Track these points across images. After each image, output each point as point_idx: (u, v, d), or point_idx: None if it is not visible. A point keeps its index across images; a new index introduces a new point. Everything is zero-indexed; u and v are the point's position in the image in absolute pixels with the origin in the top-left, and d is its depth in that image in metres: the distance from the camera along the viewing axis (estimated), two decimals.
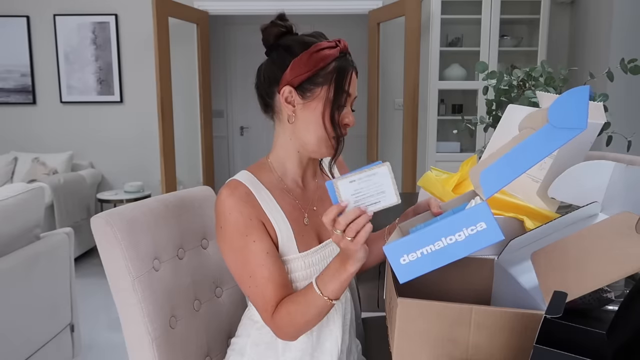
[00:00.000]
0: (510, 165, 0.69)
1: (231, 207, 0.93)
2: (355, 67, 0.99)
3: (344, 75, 0.95)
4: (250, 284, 0.93)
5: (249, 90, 5.35)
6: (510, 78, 1.77)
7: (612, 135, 1.67)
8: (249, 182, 0.97)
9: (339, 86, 0.94)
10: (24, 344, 1.85)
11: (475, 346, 0.70)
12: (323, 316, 0.91)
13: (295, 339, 0.96)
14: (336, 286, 0.85)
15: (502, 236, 0.67)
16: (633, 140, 1.67)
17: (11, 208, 1.81)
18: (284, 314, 0.91)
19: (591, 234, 0.77)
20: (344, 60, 0.96)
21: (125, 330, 1.04)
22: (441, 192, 1.17)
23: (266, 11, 4.23)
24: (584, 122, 0.66)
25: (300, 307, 0.90)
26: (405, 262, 0.70)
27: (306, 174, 1.07)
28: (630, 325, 0.66)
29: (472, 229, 0.67)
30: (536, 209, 1.08)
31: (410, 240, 0.70)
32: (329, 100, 0.94)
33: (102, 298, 3.03)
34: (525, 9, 3.84)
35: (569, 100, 0.68)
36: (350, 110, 0.99)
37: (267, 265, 0.93)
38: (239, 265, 0.95)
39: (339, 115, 0.96)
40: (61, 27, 4.17)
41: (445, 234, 0.68)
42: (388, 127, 4.32)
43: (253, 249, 0.93)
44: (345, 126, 0.98)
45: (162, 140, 3.66)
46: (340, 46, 0.97)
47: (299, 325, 0.91)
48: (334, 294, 0.86)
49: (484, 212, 0.67)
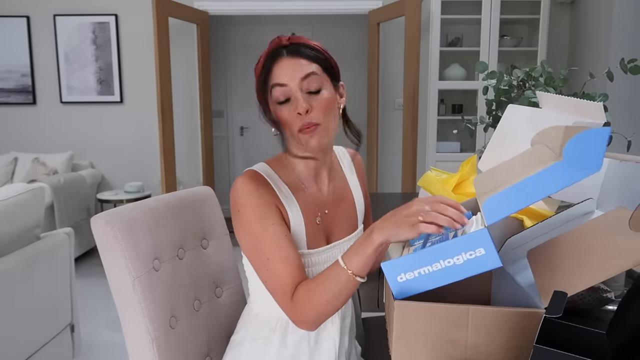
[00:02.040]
0: (517, 197, 0.69)
1: (249, 192, 0.93)
2: (288, 51, 0.94)
3: (266, 72, 0.95)
4: (268, 267, 0.92)
5: (249, 90, 5.36)
6: (510, 78, 1.77)
7: (611, 135, 1.67)
8: (266, 174, 0.98)
9: (261, 83, 0.96)
10: (24, 344, 1.85)
11: (474, 346, 0.70)
12: (344, 297, 0.86)
13: (314, 326, 0.91)
14: (361, 260, 0.82)
15: (500, 263, 0.68)
16: (633, 140, 1.67)
17: (11, 208, 1.81)
18: (302, 293, 0.88)
19: (586, 231, 0.78)
20: (268, 59, 0.96)
21: (125, 330, 1.04)
22: (441, 192, 1.17)
23: (266, 11, 4.23)
24: (599, 164, 0.65)
25: (321, 284, 0.86)
26: (402, 281, 0.71)
27: (320, 176, 1.06)
28: (629, 324, 0.66)
29: (470, 253, 0.68)
30: (536, 209, 1.08)
31: (409, 260, 0.71)
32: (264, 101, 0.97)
33: (102, 298, 3.03)
34: (525, 9, 3.84)
35: (588, 140, 0.67)
36: (300, 97, 0.93)
37: (285, 247, 0.92)
38: (257, 250, 0.94)
39: (269, 111, 0.97)
40: (61, 27, 4.17)
41: (444, 256, 0.69)
42: (388, 127, 4.32)
43: (272, 232, 0.92)
44: (299, 116, 0.93)
45: (162, 140, 3.66)
46: (267, 50, 0.97)
47: (318, 305, 0.86)
48: (358, 268, 0.82)
49: (484, 238, 0.67)
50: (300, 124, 0.94)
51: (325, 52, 0.98)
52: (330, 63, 0.98)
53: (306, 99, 0.93)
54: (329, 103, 0.96)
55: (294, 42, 0.96)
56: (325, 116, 0.95)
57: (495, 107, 1.83)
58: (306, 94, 0.94)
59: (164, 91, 3.65)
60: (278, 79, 0.93)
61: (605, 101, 1.59)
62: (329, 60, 0.98)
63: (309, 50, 0.95)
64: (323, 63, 0.96)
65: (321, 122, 0.94)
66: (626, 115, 3.03)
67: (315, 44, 0.98)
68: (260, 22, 5.12)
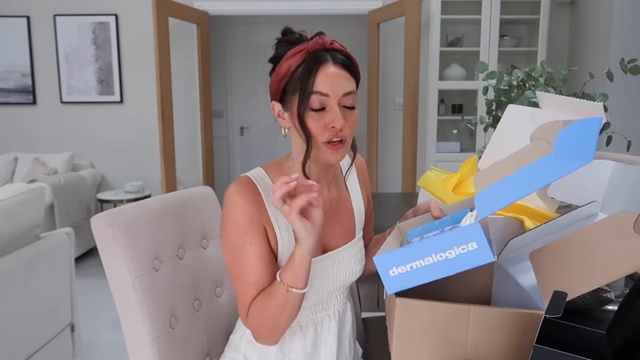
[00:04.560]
0: (509, 189, 0.68)
1: (235, 205, 0.93)
2: (332, 58, 0.91)
3: (307, 77, 0.90)
4: (237, 283, 0.94)
5: (249, 90, 5.37)
6: (510, 78, 1.77)
7: (612, 135, 1.67)
8: (260, 183, 0.96)
9: (302, 89, 0.90)
10: (24, 344, 1.85)
11: (475, 346, 0.70)
12: (289, 310, 0.89)
13: (272, 340, 0.94)
14: (290, 272, 0.87)
15: (493, 258, 0.67)
16: (633, 140, 1.67)
17: (11, 208, 1.81)
18: (253, 310, 0.92)
19: (590, 233, 0.77)
20: (311, 60, 0.90)
21: (125, 330, 1.04)
22: (441, 192, 1.17)
23: (266, 11, 4.23)
24: (591, 155, 0.64)
25: (266, 299, 0.90)
26: (394, 274, 0.70)
27: (320, 185, 1.02)
28: (629, 325, 0.66)
29: (463, 247, 0.67)
30: (536, 209, 1.08)
31: (401, 253, 0.70)
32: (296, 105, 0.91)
33: (102, 298, 3.03)
34: (525, 9, 3.84)
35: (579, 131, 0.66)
36: (337, 110, 0.90)
37: (257, 269, 0.92)
38: (232, 263, 0.95)
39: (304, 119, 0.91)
40: (61, 27, 4.17)
41: (436, 250, 0.68)
42: (388, 127, 4.32)
43: (247, 250, 0.92)
44: (332, 129, 0.91)
45: (162, 140, 3.67)
46: (308, 47, 0.91)
47: (267, 320, 0.90)
48: (291, 280, 0.87)
49: (476, 232, 0.66)
50: (328, 137, 0.92)
51: (358, 67, 0.97)
52: (359, 78, 0.97)
53: (343, 115, 0.91)
54: (357, 120, 0.96)
55: (337, 48, 0.93)
56: (352, 134, 0.95)
57: (495, 107, 1.83)
58: (342, 109, 0.92)
59: (164, 91, 3.65)
60: (321, 87, 0.90)
61: (605, 101, 1.59)
62: (359, 76, 0.97)
63: (349, 62, 0.93)
64: (357, 79, 0.96)
65: (348, 138, 0.94)
66: (626, 115, 3.03)
67: (351, 54, 0.96)
68: (260, 22, 5.11)
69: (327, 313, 1.03)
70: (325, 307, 1.03)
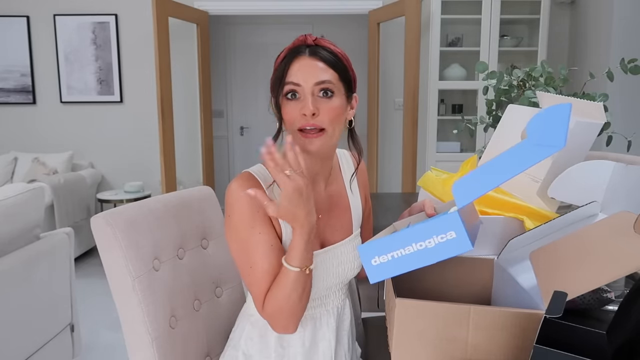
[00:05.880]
0: (485, 177, 0.69)
1: (239, 198, 0.93)
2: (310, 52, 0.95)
3: (282, 69, 0.95)
4: (250, 274, 0.94)
5: (249, 90, 5.37)
6: (510, 78, 1.78)
7: (612, 135, 1.67)
8: (261, 177, 0.98)
9: (278, 79, 0.96)
10: (24, 344, 1.85)
11: (475, 346, 0.70)
12: (300, 289, 0.91)
13: (290, 328, 0.95)
14: (292, 251, 0.90)
15: (471, 246, 0.67)
16: (633, 140, 1.67)
17: (11, 208, 1.81)
18: (269, 298, 0.92)
19: (590, 233, 0.77)
20: (288, 54, 0.96)
21: (125, 330, 1.04)
22: (441, 192, 1.17)
23: (266, 11, 4.23)
24: (563, 141, 0.65)
25: (277, 286, 0.91)
26: (376, 264, 0.71)
27: (317, 181, 1.04)
28: (629, 325, 0.66)
29: (442, 237, 0.68)
30: (536, 209, 1.08)
31: (383, 243, 0.71)
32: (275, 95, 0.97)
33: (102, 298, 3.03)
34: (525, 9, 3.84)
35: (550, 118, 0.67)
36: (309, 99, 0.93)
37: (269, 258, 0.93)
38: (242, 255, 0.95)
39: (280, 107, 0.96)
40: (61, 27, 4.16)
41: (415, 239, 0.69)
42: (388, 127, 4.32)
43: (257, 240, 0.93)
44: (304, 117, 0.93)
45: (162, 140, 3.66)
46: (295, 41, 0.97)
47: (282, 305, 0.91)
48: (295, 260, 0.89)
49: (454, 221, 0.67)
50: (301, 124, 0.94)
51: (347, 62, 0.98)
52: (349, 73, 0.98)
53: (314, 102, 0.93)
54: (337, 111, 0.96)
55: (318, 43, 0.96)
56: (331, 123, 0.95)
57: (495, 107, 1.83)
58: (316, 97, 0.94)
59: (164, 91, 3.65)
60: (293, 77, 0.94)
61: (605, 101, 1.59)
62: (348, 70, 0.98)
63: (330, 55, 0.95)
64: (341, 72, 0.96)
65: (327, 127, 0.94)
66: (626, 115, 3.03)
67: (339, 50, 0.98)
68: (260, 22, 5.11)
69: (325, 308, 1.04)
70: (324, 302, 1.04)
